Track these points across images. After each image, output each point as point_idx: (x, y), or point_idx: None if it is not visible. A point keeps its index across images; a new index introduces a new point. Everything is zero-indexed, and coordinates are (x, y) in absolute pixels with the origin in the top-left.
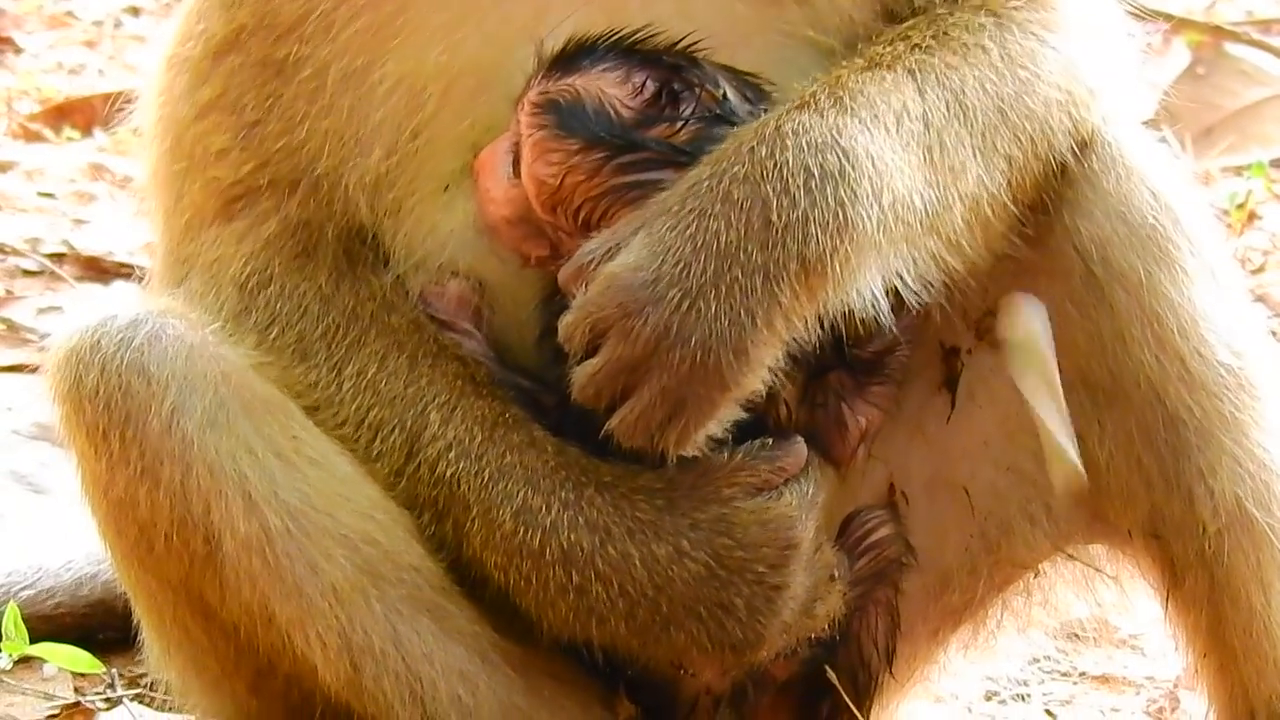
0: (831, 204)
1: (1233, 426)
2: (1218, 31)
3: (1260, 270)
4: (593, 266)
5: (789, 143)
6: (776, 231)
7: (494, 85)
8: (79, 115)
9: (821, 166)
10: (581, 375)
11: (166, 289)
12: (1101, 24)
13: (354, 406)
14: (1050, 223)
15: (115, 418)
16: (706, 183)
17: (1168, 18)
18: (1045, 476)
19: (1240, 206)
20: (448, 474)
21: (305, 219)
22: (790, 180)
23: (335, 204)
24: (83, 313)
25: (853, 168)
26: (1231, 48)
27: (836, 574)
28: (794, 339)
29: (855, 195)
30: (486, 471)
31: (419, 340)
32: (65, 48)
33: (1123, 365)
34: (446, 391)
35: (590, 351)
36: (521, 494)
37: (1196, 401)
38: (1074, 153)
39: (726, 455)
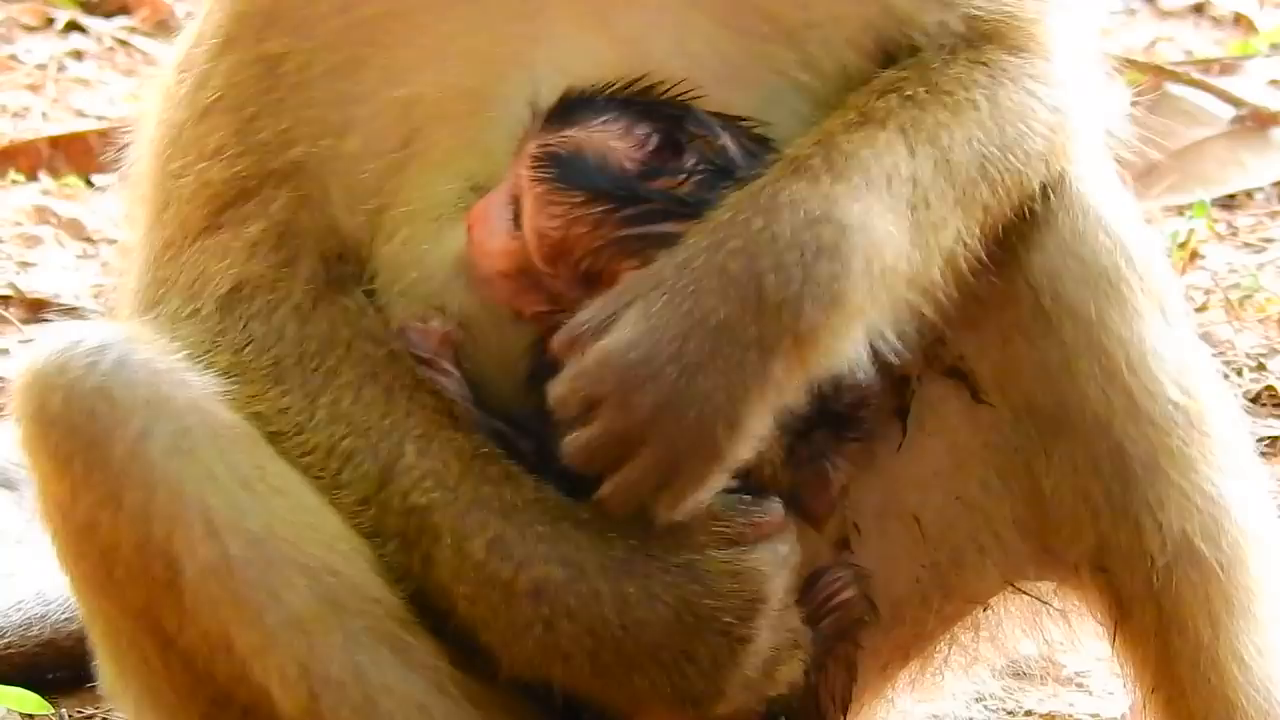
0: (825, 278)
1: (1180, 461)
2: (1158, 71)
3: (1203, 309)
4: (588, 337)
5: (784, 215)
6: (771, 307)
7: (490, 106)
8: (23, 158)
9: (817, 241)
10: (575, 443)
11: (140, 313)
12: (1087, 72)
13: (326, 434)
14: (1002, 254)
15: (79, 442)
16: (702, 256)
17: (1109, 58)
18: (995, 505)
19: (1182, 246)
20: (421, 503)
21: (289, 221)
22: (785, 255)
23: (320, 212)
24: (50, 337)
25: (846, 241)
26: (1172, 87)
27: (800, 642)
28: (784, 406)
29: (848, 269)
30: (462, 501)
31: (396, 372)
32: (8, 91)
33: (1069, 397)
34: (424, 424)
35: (581, 419)
36: (497, 525)
37: (1144, 435)
38: (1040, 195)
39: (705, 505)
